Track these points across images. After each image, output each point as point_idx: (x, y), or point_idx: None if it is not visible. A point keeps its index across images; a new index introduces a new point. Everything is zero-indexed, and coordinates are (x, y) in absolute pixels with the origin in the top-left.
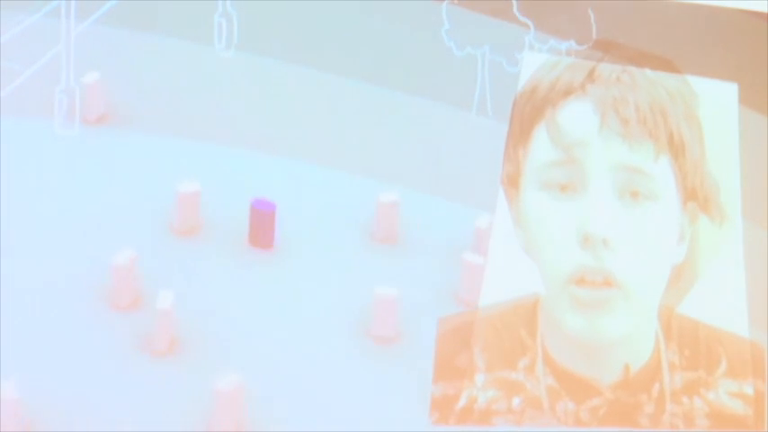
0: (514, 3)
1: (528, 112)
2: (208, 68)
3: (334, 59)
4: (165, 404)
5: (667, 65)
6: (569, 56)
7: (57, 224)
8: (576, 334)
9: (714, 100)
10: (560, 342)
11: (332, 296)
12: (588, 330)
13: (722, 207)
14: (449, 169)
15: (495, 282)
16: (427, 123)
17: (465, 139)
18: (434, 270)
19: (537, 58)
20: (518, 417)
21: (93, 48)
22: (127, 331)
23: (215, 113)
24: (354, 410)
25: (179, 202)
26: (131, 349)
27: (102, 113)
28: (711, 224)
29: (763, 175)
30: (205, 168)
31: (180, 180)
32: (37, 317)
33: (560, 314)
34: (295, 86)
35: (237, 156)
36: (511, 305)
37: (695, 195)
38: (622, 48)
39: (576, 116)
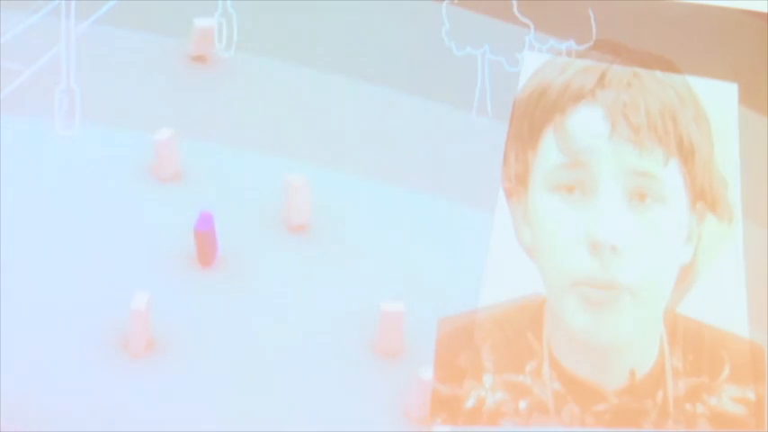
0: (514, 3)
1: (538, 115)
2: (208, 68)
3: (335, 59)
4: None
5: (668, 65)
6: (570, 56)
7: (54, 224)
8: (583, 332)
9: (714, 100)
10: (567, 345)
11: (330, 300)
12: (595, 328)
13: (730, 205)
14: (449, 169)
15: (495, 281)
16: (427, 123)
17: (465, 139)
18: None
19: (537, 58)
20: (525, 420)
21: (94, 48)
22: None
23: (215, 113)
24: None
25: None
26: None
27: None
28: (718, 223)
29: (763, 175)
30: (204, 168)
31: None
32: (35, 316)
33: (567, 313)
34: (295, 86)
35: (237, 156)
36: (517, 305)
37: (704, 195)
38: (623, 48)
39: (586, 123)
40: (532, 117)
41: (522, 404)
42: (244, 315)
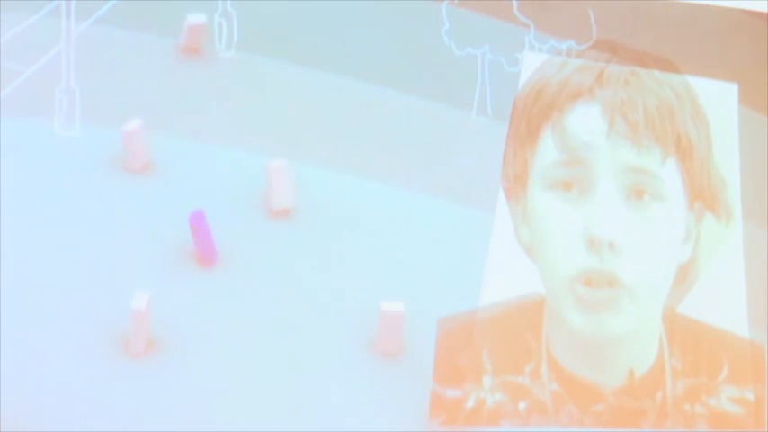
0: (515, 3)
1: (536, 114)
2: (208, 68)
3: (335, 59)
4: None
5: (667, 65)
6: (570, 56)
7: (52, 224)
8: (582, 332)
9: (714, 100)
10: (565, 344)
11: (331, 301)
12: (594, 328)
13: (729, 205)
14: (449, 169)
15: (495, 281)
16: (427, 123)
17: (465, 139)
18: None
19: (537, 59)
20: (524, 421)
21: (94, 48)
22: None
23: (215, 113)
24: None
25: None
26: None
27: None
28: (717, 223)
29: (763, 175)
30: (204, 168)
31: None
32: (35, 316)
33: (565, 313)
34: (295, 86)
35: (237, 156)
36: (515, 305)
37: (702, 194)
38: (623, 48)
39: (584, 121)
40: (530, 116)
41: (522, 405)
42: (243, 315)
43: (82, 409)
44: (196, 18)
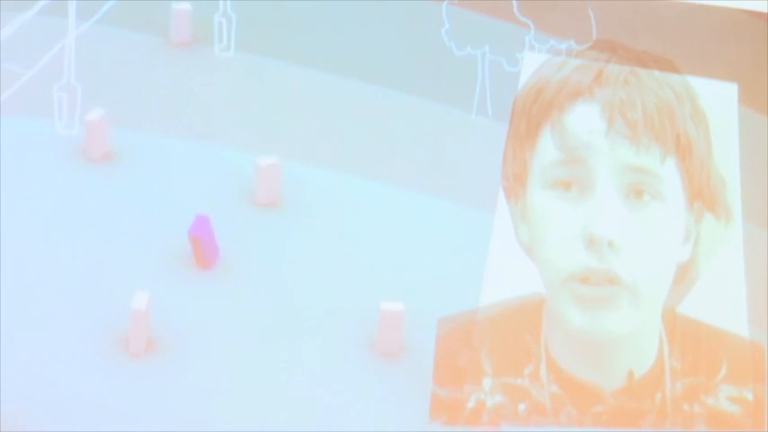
0: (514, 3)
1: (535, 114)
2: (208, 68)
3: (334, 59)
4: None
5: (667, 64)
6: (570, 56)
7: (52, 223)
8: (580, 330)
9: (714, 100)
10: (564, 345)
11: (330, 300)
12: (592, 326)
13: (728, 204)
14: (449, 169)
15: (495, 281)
16: (427, 123)
17: (465, 140)
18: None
19: (537, 59)
20: (524, 422)
21: (94, 48)
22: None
23: (214, 113)
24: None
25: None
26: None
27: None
28: (716, 222)
29: (763, 175)
30: (204, 168)
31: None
32: (35, 316)
33: (563, 311)
34: (295, 86)
35: (238, 156)
36: (514, 306)
37: (701, 194)
38: (623, 48)
39: (584, 120)
40: (530, 115)
41: (521, 407)
42: (243, 315)
43: (82, 409)
44: (181, 5)
